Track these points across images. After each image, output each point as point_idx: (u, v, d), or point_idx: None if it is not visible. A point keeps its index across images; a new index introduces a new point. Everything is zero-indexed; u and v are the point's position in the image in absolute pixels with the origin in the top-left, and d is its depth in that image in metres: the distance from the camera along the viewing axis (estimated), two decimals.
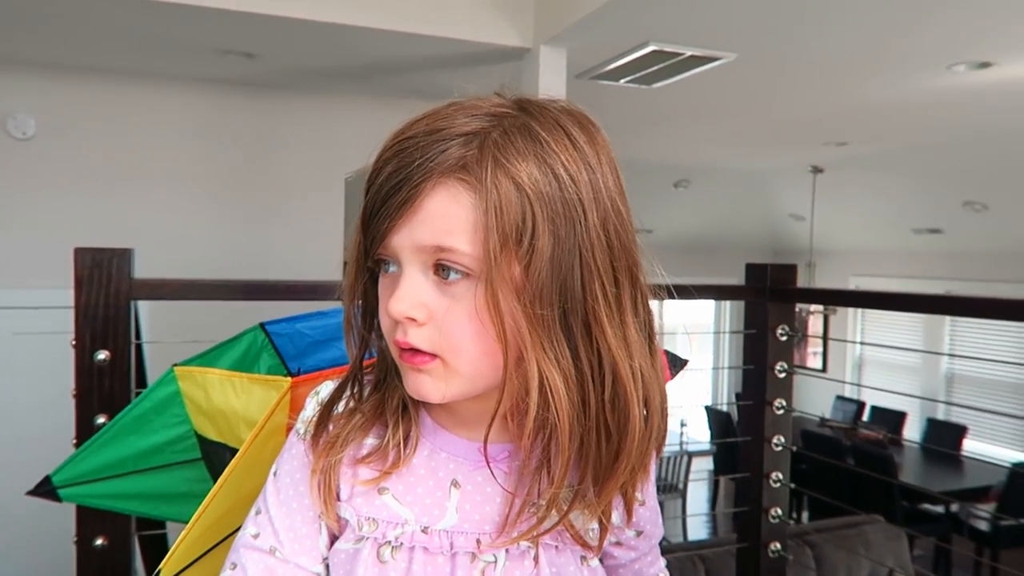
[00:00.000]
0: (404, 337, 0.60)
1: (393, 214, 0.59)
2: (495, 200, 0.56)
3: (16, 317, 3.30)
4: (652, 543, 0.81)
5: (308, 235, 3.76)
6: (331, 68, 3.33)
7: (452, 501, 0.67)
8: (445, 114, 0.60)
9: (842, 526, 3.28)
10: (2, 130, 3.28)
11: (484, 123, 0.59)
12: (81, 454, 1.18)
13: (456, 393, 0.62)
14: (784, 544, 1.82)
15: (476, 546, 0.66)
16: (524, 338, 0.58)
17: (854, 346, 6.84)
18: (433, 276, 0.60)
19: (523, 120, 0.60)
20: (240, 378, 1.12)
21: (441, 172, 0.57)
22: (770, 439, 1.79)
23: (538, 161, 0.58)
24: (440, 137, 0.58)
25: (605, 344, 0.60)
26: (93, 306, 1.28)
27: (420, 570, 0.65)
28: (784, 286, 1.79)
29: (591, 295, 0.59)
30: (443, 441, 0.69)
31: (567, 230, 0.58)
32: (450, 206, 0.57)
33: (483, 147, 0.57)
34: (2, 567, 3.34)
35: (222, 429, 1.15)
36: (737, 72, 3.17)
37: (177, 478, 1.23)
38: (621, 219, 0.62)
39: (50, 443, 2.01)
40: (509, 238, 0.57)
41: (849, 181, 5.81)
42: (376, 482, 0.67)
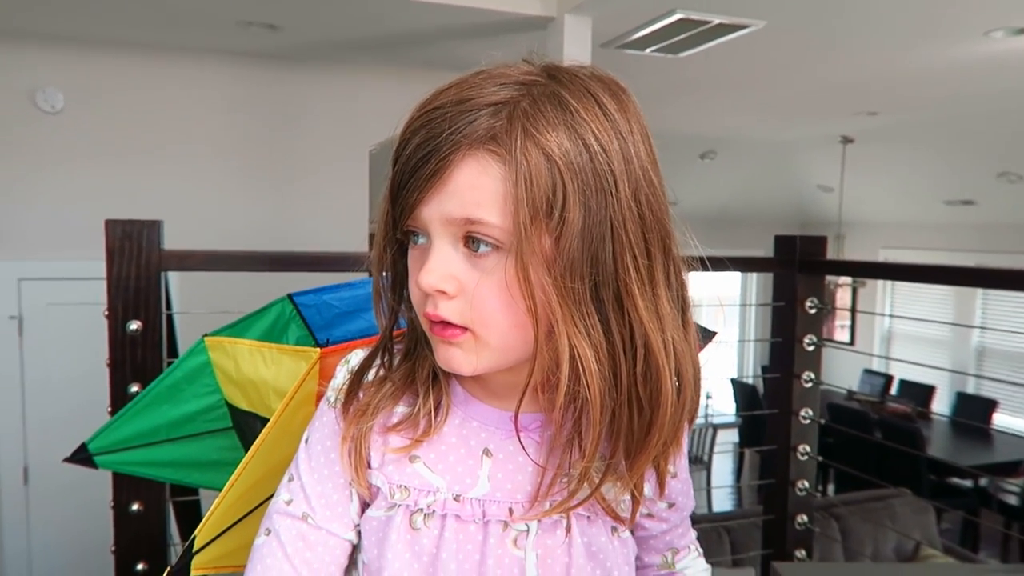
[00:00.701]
0: (434, 310, 0.60)
1: (422, 186, 0.58)
2: (525, 171, 0.55)
3: (50, 288, 3.37)
4: (683, 515, 0.81)
5: (333, 207, 3.77)
6: (354, 40, 3.32)
7: (484, 470, 0.67)
8: (473, 83, 0.59)
9: (869, 499, 3.27)
10: (31, 104, 3.31)
11: (513, 92, 0.58)
12: (116, 422, 1.21)
13: (487, 366, 0.62)
14: (810, 516, 1.82)
15: (508, 515, 0.66)
16: (554, 311, 0.57)
17: (883, 319, 6.75)
18: (463, 248, 0.59)
19: (552, 88, 0.58)
20: (269, 348, 1.13)
21: (470, 143, 0.56)
22: (797, 412, 1.78)
23: (568, 131, 0.57)
24: (468, 107, 0.57)
25: (637, 317, 0.59)
26: (124, 277, 1.30)
27: (452, 537, 0.66)
28: (813, 258, 1.76)
29: (623, 267, 0.58)
30: (475, 410, 0.69)
31: (598, 201, 0.57)
32: (479, 178, 0.56)
33: (512, 117, 0.56)
34: (44, 535, 3.45)
35: (252, 399, 1.16)
36: (766, 40, 3.10)
37: (208, 446, 1.25)
38: (653, 189, 0.60)
39: (85, 412, 2.05)
40: (539, 210, 0.56)
41: (879, 152, 5.70)
42: (407, 450, 0.67)
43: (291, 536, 0.69)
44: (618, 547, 0.71)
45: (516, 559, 0.66)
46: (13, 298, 3.34)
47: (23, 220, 3.34)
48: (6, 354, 3.34)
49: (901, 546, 3.19)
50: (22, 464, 3.39)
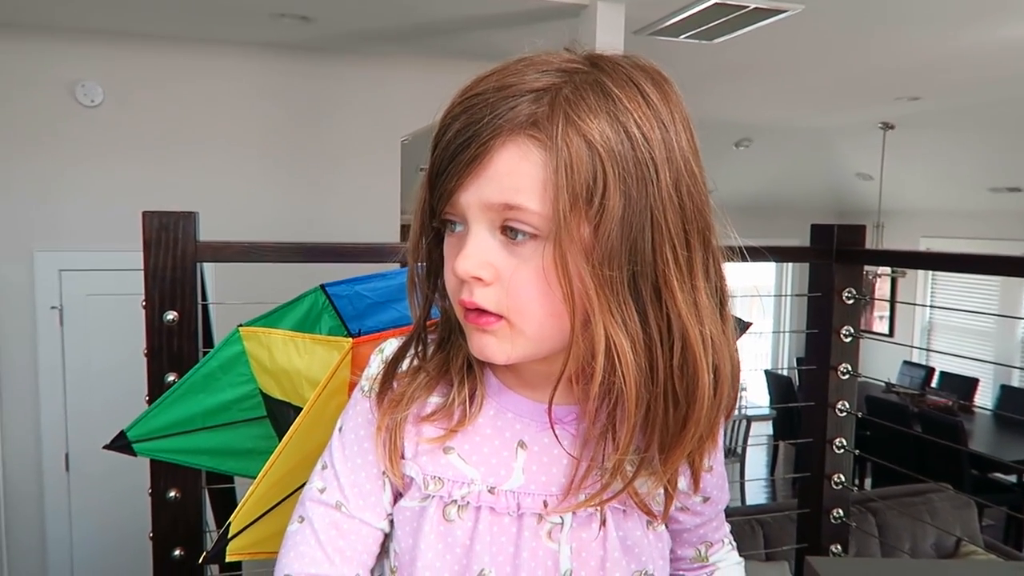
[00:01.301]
0: (470, 297, 0.60)
1: (461, 172, 0.57)
2: (566, 158, 0.55)
3: (90, 279, 3.44)
4: (718, 509, 0.80)
5: (365, 197, 3.79)
6: (386, 30, 3.32)
7: (519, 462, 0.67)
8: (515, 70, 0.58)
9: (907, 494, 3.21)
10: (71, 97, 3.38)
11: (555, 79, 0.57)
12: (153, 411, 1.23)
13: (521, 355, 0.61)
14: (847, 511, 1.79)
15: (543, 507, 0.66)
16: (591, 300, 0.57)
17: (923, 310, 6.61)
18: (500, 236, 0.59)
19: (595, 76, 0.58)
20: (303, 339, 1.14)
21: (511, 129, 0.56)
22: (834, 404, 1.75)
23: (610, 118, 0.56)
24: (510, 93, 0.56)
25: (675, 309, 0.58)
26: (161, 268, 1.31)
27: (486, 529, 0.66)
28: (851, 247, 1.72)
29: (661, 258, 0.57)
30: (509, 401, 0.68)
31: (639, 190, 0.56)
32: (520, 164, 0.56)
33: (554, 104, 0.56)
34: (84, 520, 3.54)
35: (286, 388, 1.18)
36: (804, 25, 3.03)
37: (243, 435, 1.27)
38: (694, 179, 0.59)
39: (124, 400, 2.09)
40: (579, 197, 0.55)
41: (922, 138, 5.56)
42: (441, 440, 0.67)
43: (324, 524, 0.70)
44: (653, 541, 0.70)
45: (550, 551, 0.66)
46: (54, 289, 3.42)
47: (63, 212, 3.41)
48: (48, 344, 3.42)
49: (941, 542, 3.12)
50: (63, 451, 3.47)
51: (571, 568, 0.66)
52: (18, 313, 3.37)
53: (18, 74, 3.31)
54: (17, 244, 3.35)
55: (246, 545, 1.08)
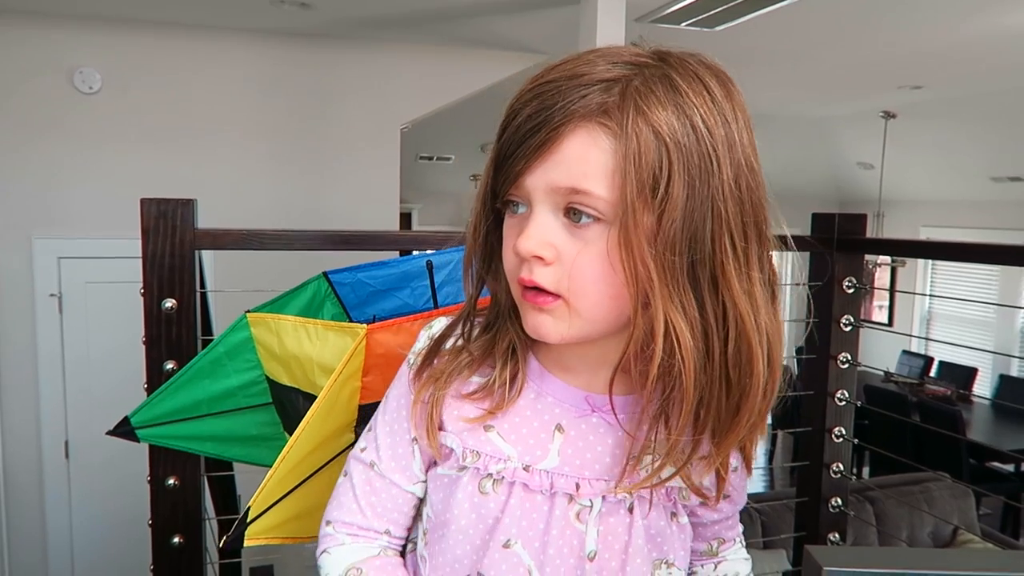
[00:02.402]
0: (529, 275, 0.62)
1: (530, 155, 0.59)
2: (634, 147, 0.57)
3: (89, 266, 3.43)
4: (735, 508, 0.82)
5: (364, 185, 3.78)
6: (385, 17, 3.30)
7: (555, 444, 0.69)
8: (586, 60, 0.60)
9: (905, 483, 3.22)
10: (69, 84, 3.36)
11: (625, 71, 0.59)
12: (157, 397, 1.22)
13: (575, 335, 0.63)
14: (845, 500, 1.79)
15: (575, 489, 0.68)
16: (653, 285, 0.59)
17: (922, 300, 6.61)
18: (563, 218, 0.61)
19: (664, 70, 0.60)
20: (314, 325, 1.14)
21: (582, 116, 0.58)
22: (833, 393, 1.75)
23: (677, 111, 0.58)
24: (581, 82, 0.59)
25: (731, 297, 0.60)
26: (160, 255, 1.31)
27: (518, 504, 0.69)
28: (852, 236, 1.72)
29: (720, 248, 0.59)
30: (550, 386, 0.71)
31: (702, 181, 0.58)
32: (589, 150, 0.58)
33: (624, 94, 0.58)
34: (85, 508, 3.55)
35: (295, 374, 1.17)
36: (806, 11, 3.02)
37: (248, 421, 1.27)
38: (754, 174, 0.62)
39: (123, 388, 2.09)
40: (645, 185, 0.57)
41: (924, 127, 5.54)
42: (481, 420, 0.70)
43: (360, 480, 0.76)
44: (676, 532, 0.72)
45: (577, 532, 0.69)
46: (53, 276, 3.41)
47: (62, 199, 3.40)
48: (47, 331, 3.42)
49: (938, 531, 3.14)
50: (63, 439, 3.48)
51: (596, 550, 0.69)
52: (17, 301, 3.37)
53: (16, 61, 3.29)
54: (16, 231, 3.34)
55: (263, 530, 1.09)
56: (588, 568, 0.68)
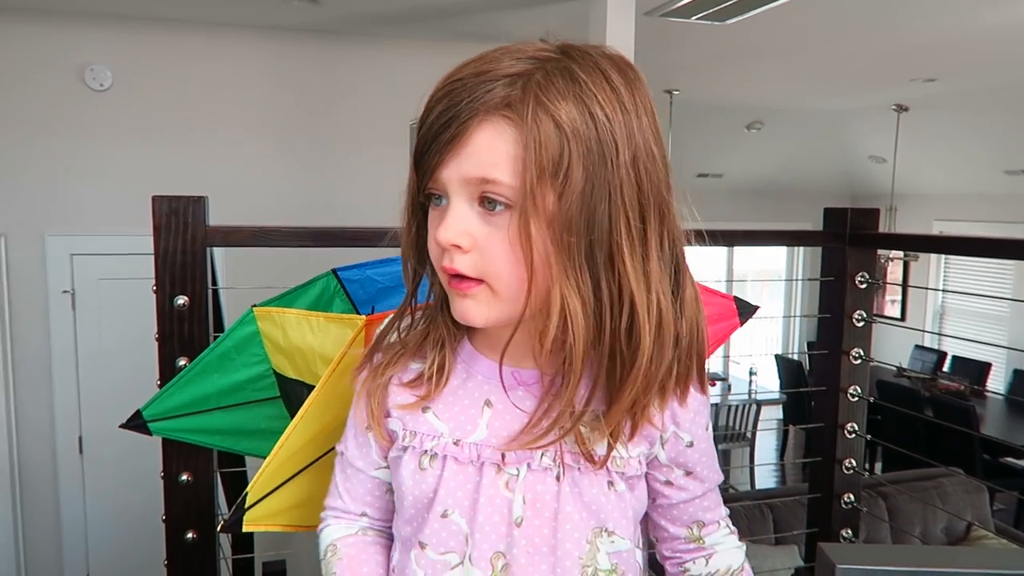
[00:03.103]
0: (451, 263, 0.66)
1: (443, 149, 0.64)
2: (535, 136, 0.61)
3: (101, 263, 3.46)
4: (706, 487, 0.81)
5: (373, 181, 3.77)
6: (394, 13, 3.30)
7: (484, 418, 0.74)
8: (492, 57, 0.64)
9: (918, 478, 3.21)
10: (80, 81, 3.38)
11: (528, 65, 0.63)
12: (169, 390, 1.23)
13: (498, 317, 0.68)
14: (857, 495, 1.78)
15: (501, 459, 0.73)
16: (551, 265, 0.63)
17: (935, 294, 6.56)
18: (478, 207, 0.65)
19: (565, 63, 0.63)
20: (316, 317, 1.16)
21: (487, 110, 0.62)
22: (846, 389, 1.74)
23: (577, 101, 0.62)
24: (487, 78, 0.62)
25: (625, 275, 0.64)
26: (171, 252, 1.31)
27: (451, 477, 0.74)
28: (865, 231, 1.71)
29: (616, 228, 0.63)
30: (479, 366, 0.76)
31: (599, 166, 0.62)
32: (494, 141, 0.62)
33: (526, 87, 0.62)
34: (98, 503, 3.58)
35: (299, 367, 1.18)
36: (817, 4, 3.00)
37: (256, 415, 1.28)
38: (652, 160, 0.65)
39: (136, 384, 2.10)
40: (546, 171, 0.61)
41: (937, 120, 5.49)
42: (416, 405, 0.76)
43: (339, 468, 0.86)
44: (615, 501, 0.74)
45: (506, 500, 0.73)
46: (66, 273, 3.43)
47: (74, 196, 3.42)
48: (61, 327, 3.44)
49: (952, 527, 3.12)
50: (77, 434, 3.51)
51: (522, 516, 0.72)
52: (30, 297, 3.39)
53: (27, 58, 3.31)
54: (28, 228, 3.37)
55: (262, 516, 1.10)
56: (517, 534, 0.72)
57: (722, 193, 6.49)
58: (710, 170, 6.30)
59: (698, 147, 5.84)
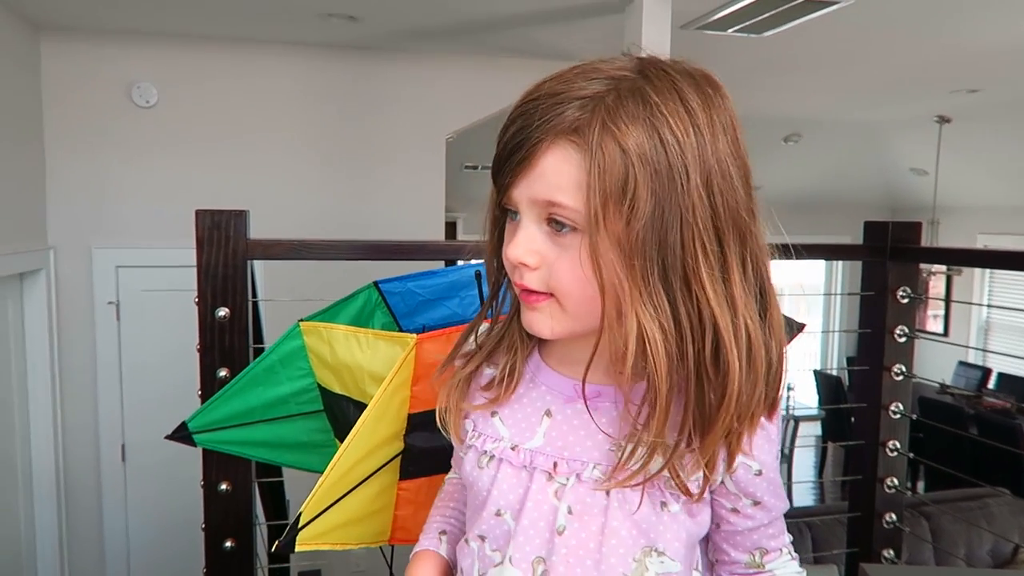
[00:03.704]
0: (520, 279, 0.69)
1: (514, 170, 0.66)
2: (599, 161, 0.61)
3: (145, 275, 3.54)
4: (772, 515, 0.80)
5: (410, 194, 3.82)
6: (431, 28, 3.34)
7: (542, 427, 0.76)
8: (567, 77, 0.65)
9: (962, 498, 3.12)
10: (128, 98, 3.47)
11: (601, 87, 0.63)
12: (214, 403, 1.26)
13: (564, 330, 0.70)
14: (900, 515, 1.74)
15: (553, 467, 0.74)
16: (623, 289, 0.63)
17: (980, 309, 6.40)
18: (546, 227, 0.67)
19: (639, 84, 0.63)
20: (365, 334, 1.18)
21: (556, 133, 0.63)
22: (887, 406, 1.71)
23: (646, 125, 0.61)
24: (559, 100, 0.63)
25: (705, 299, 0.63)
26: (213, 265, 1.34)
27: (504, 479, 0.76)
28: (906, 245, 1.68)
29: (689, 253, 0.63)
30: (544, 376, 0.78)
31: (669, 190, 0.62)
32: (561, 165, 0.63)
33: (595, 110, 0.62)
34: (140, 510, 3.64)
35: (346, 382, 1.20)
36: (857, 15, 2.96)
37: (299, 428, 1.29)
38: (729, 182, 0.64)
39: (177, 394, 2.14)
40: (611, 197, 0.61)
41: (980, 131, 5.37)
42: (486, 408, 0.79)
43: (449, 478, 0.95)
44: (667, 522, 0.73)
45: (552, 507, 0.74)
46: (111, 284, 3.52)
47: (120, 210, 3.51)
48: (105, 338, 3.53)
49: (998, 549, 3.03)
50: (120, 443, 3.58)
51: (564, 525, 0.73)
52: (77, 308, 3.48)
53: (77, 76, 3.42)
54: (76, 241, 3.46)
55: (314, 535, 1.12)
56: (558, 541, 0.73)
57: (759, 206, 6.41)
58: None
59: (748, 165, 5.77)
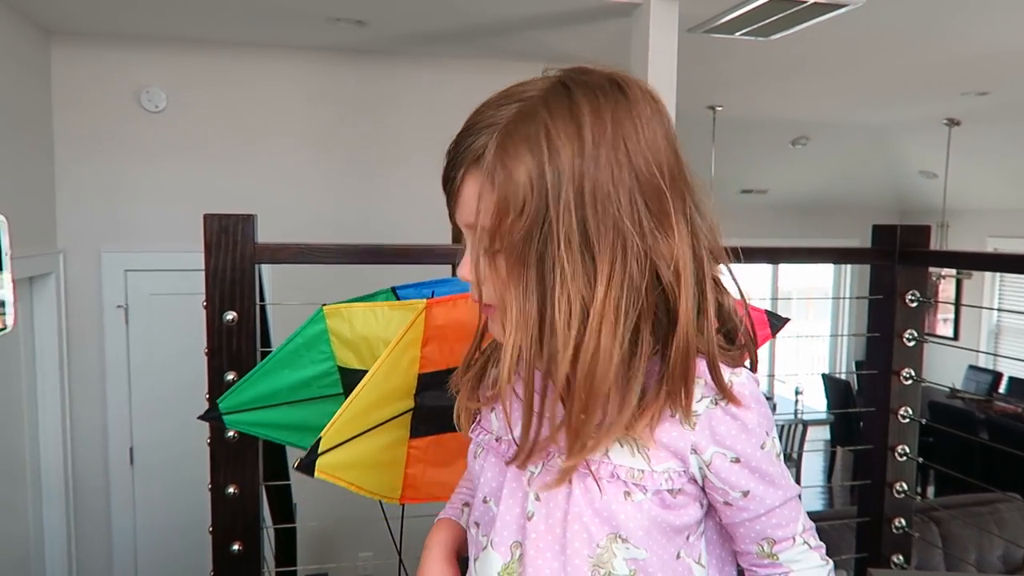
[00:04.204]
0: (474, 293, 0.76)
1: (449, 200, 0.75)
2: (492, 182, 0.68)
3: (153, 279, 3.55)
4: (769, 504, 0.79)
5: (418, 198, 3.82)
6: (438, 32, 3.35)
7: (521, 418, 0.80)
8: (484, 106, 0.72)
9: (973, 503, 3.10)
10: (137, 103, 3.49)
11: (510, 112, 0.70)
12: (243, 384, 1.29)
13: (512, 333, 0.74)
14: (909, 520, 1.73)
15: None
16: (507, 287, 0.71)
17: (990, 313, 6.36)
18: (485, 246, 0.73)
19: (535, 105, 0.69)
20: (381, 307, 1.29)
21: (468, 163, 0.71)
22: (896, 410, 1.70)
23: (531, 144, 0.67)
24: (472, 132, 0.71)
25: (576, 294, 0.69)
26: (221, 269, 1.35)
27: (488, 468, 0.84)
28: (915, 248, 1.67)
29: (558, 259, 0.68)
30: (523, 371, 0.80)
31: (543, 204, 0.67)
32: (473, 190, 0.71)
33: (494, 135, 0.69)
34: (148, 512, 3.65)
35: (363, 355, 1.28)
36: (865, 18, 2.95)
37: (320, 411, 1.32)
38: (606, 190, 0.68)
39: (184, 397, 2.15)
40: (505, 214, 0.68)
41: (990, 134, 5.35)
42: (487, 404, 0.86)
43: None
44: (630, 511, 0.75)
45: (524, 494, 0.79)
46: (120, 288, 3.53)
47: (129, 214, 3.53)
48: (114, 341, 3.54)
49: (1009, 554, 3.00)
50: (128, 445, 3.59)
51: (533, 512, 0.78)
52: (86, 312, 3.50)
53: (86, 81, 3.44)
54: (86, 245, 3.48)
55: (331, 465, 1.18)
56: (528, 527, 0.78)
57: (766, 209, 6.40)
58: (754, 186, 6.22)
59: (742, 163, 5.78)
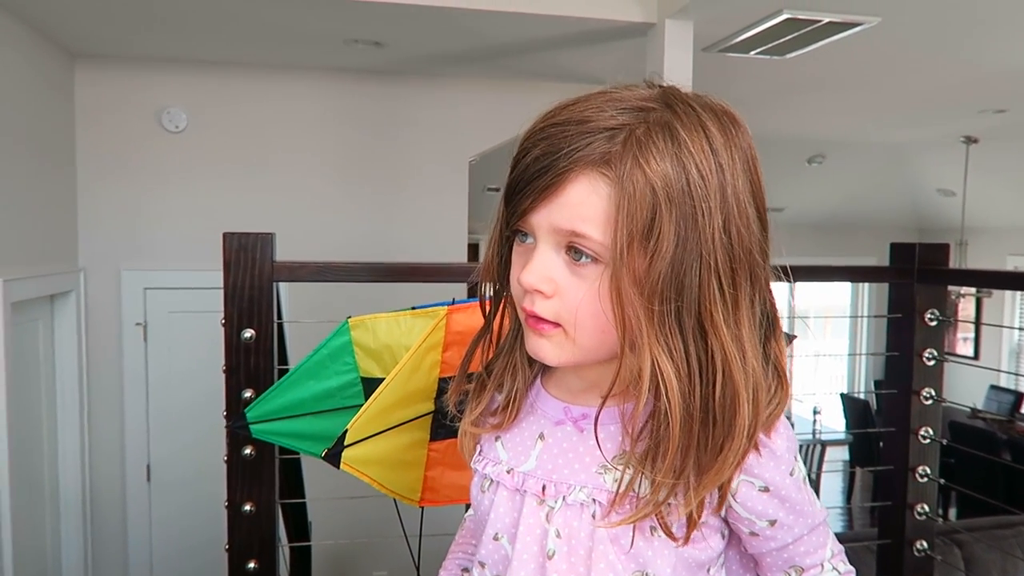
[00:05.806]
0: (531, 306, 0.67)
1: (536, 195, 0.64)
2: (630, 196, 0.60)
3: (172, 297, 3.59)
4: (798, 532, 0.77)
5: (433, 217, 3.85)
6: (455, 53, 3.38)
7: (536, 450, 0.76)
8: (595, 105, 0.64)
9: (996, 526, 3.04)
10: (158, 124, 3.54)
11: (629, 118, 0.63)
12: (270, 394, 1.31)
13: (570, 360, 0.69)
14: (931, 543, 1.71)
15: (542, 491, 0.74)
16: (640, 327, 0.62)
17: (1011, 332, 6.27)
18: (564, 255, 0.65)
19: (667, 118, 0.63)
20: (404, 316, 1.31)
21: (585, 163, 0.62)
22: (916, 431, 1.68)
23: (674, 162, 0.61)
24: (587, 129, 0.62)
25: (718, 342, 0.63)
26: (240, 287, 1.36)
27: (501, 502, 0.77)
28: (934, 267, 1.66)
29: (707, 295, 0.62)
30: (542, 401, 0.78)
31: (692, 231, 0.61)
32: (590, 196, 0.62)
33: (626, 143, 0.61)
34: (164, 529, 3.66)
35: (386, 363, 1.30)
36: (880, 37, 2.95)
37: (343, 422, 1.33)
38: (746, 220, 0.64)
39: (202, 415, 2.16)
40: (636, 233, 0.61)
41: (1008, 151, 5.31)
42: (491, 432, 0.79)
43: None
44: (657, 547, 0.71)
45: (543, 531, 0.73)
46: (139, 306, 3.57)
47: (149, 233, 3.57)
48: (133, 359, 3.57)
49: None
50: (145, 462, 3.61)
51: (554, 550, 0.72)
52: (105, 329, 3.53)
53: (109, 102, 3.49)
54: (106, 263, 3.52)
55: (356, 458, 1.20)
56: (548, 566, 0.72)
57: (783, 228, 6.26)
58: (771, 204, 6.14)
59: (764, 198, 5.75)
